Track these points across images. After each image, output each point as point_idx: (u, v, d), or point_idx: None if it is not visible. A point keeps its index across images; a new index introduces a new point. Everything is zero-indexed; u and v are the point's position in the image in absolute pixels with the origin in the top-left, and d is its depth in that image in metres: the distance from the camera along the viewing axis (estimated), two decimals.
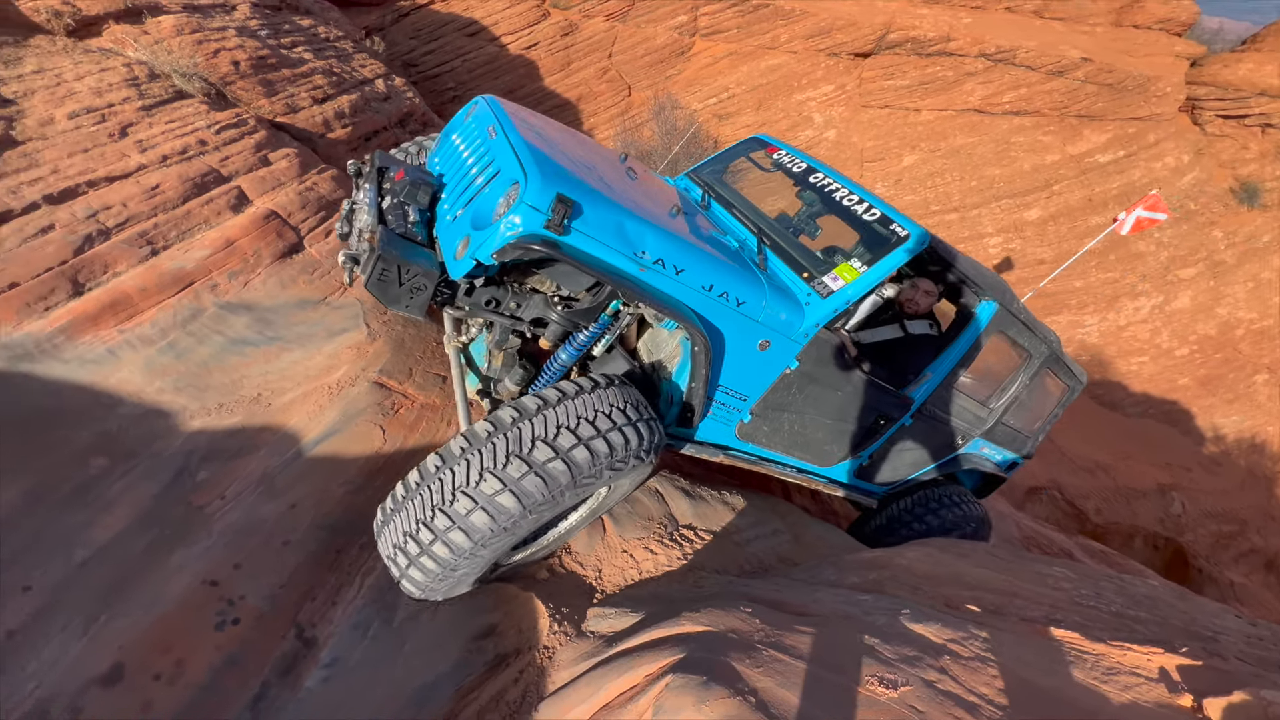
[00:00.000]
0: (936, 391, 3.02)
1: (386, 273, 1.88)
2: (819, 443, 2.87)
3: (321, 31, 5.99)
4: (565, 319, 2.10)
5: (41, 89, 3.45)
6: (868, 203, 2.76)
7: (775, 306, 2.29)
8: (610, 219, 1.96)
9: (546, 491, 1.78)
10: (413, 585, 1.91)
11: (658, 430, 2.11)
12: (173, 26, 4.26)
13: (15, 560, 2.08)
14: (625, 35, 15.95)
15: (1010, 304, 3.04)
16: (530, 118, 2.54)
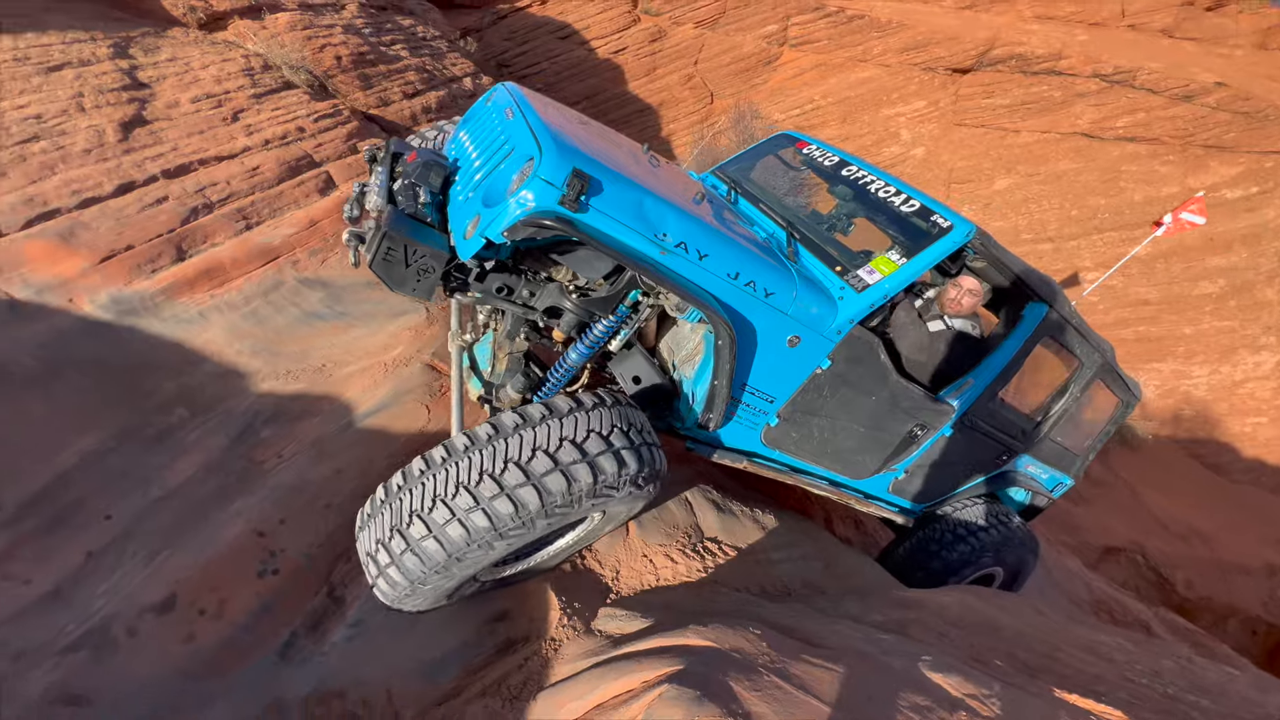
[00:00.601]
0: (979, 401, 2.76)
1: (392, 253, 1.78)
2: (850, 452, 2.68)
3: (420, 31, 6.36)
4: (580, 308, 1.99)
5: (172, 75, 3.85)
6: (905, 194, 2.58)
7: (806, 299, 2.13)
8: (629, 198, 1.84)
9: (515, 517, 1.67)
10: (388, 588, 1.78)
11: (657, 458, 1.97)
12: (287, 23, 4.66)
13: (104, 489, 2.33)
14: (713, 43, 15.95)
15: (1061, 307, 2.77)
16: (550, 104, 2.42)
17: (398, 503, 1.70)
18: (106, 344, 2.70)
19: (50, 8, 3.85)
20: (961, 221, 2.36)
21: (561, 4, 16.14)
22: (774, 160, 3.20)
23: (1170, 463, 11.92)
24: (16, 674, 1.82)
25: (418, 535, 1.65)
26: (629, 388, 2.22)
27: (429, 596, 1.83)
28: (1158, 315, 13.48)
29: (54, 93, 3.33)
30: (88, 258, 2.88)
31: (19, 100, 3.22)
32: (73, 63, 3.52)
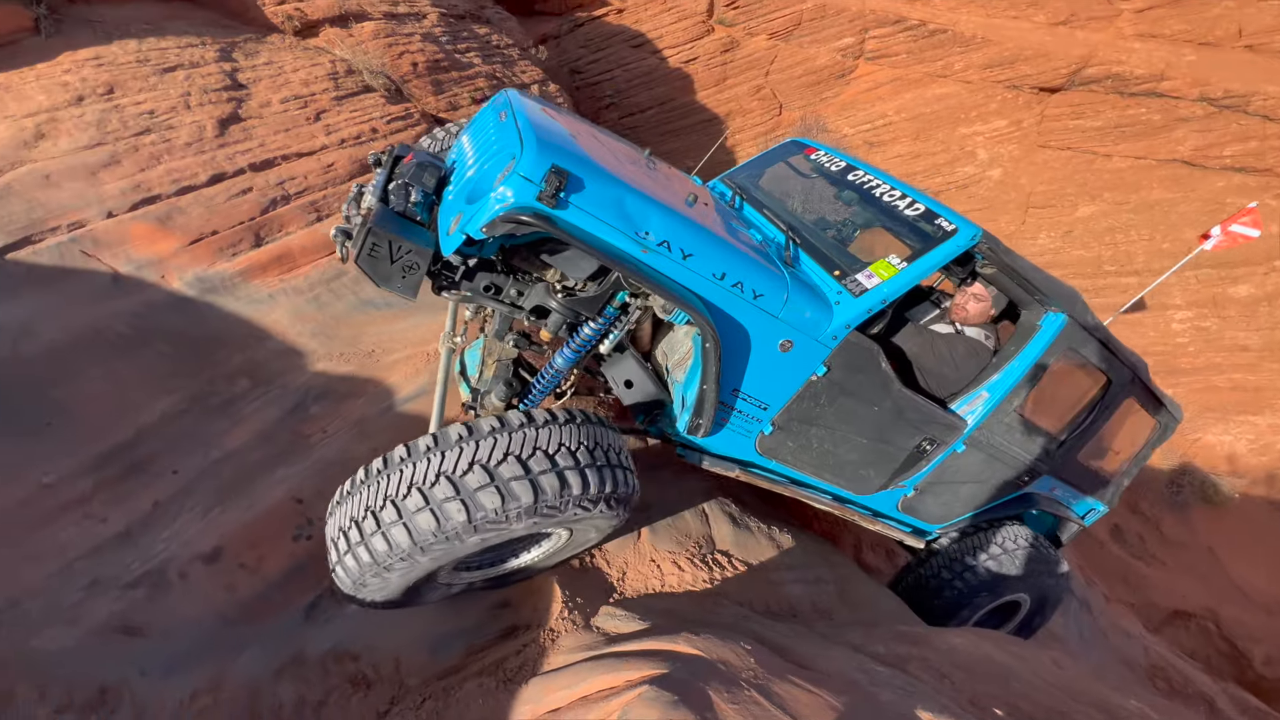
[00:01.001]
0: (994, 415, 2.62)
1: (377, 248, 1.79)
2: (853, 465, 2.57)
3: (494, 39, 6.68)
4: (566, 308, 1.95)
5: (267, 78, 4.24)
6: (910, 197, 2.50)
7: (799, 303, 2.07)
8: (610, 194, 1.82)
9: (438, 531, 1.65)
10: (345, 574, 1.75)
11: (622, 480, 1.92)
12: (372, 31, 5.02)
13: (173, 447, 2.61)
14: (786, 54, 15.81)
15: (1083, 317, 2.60)
16: (549, 109, 2.42)
17: (359, 494, 1.74)
18: (188, 317, 3.01)
19: (172, 15, 4.32)
20: (966, 225, 2.28)
21: (637, 13, 16.43)
22: (783, 167, 3.15)
23: (1260, 526, 10.84)
24: (88, 600, 2.08)
25: (369, 530, 1.68)
26: (621, 391, 2.20)
27: (393, 587, 1.82)
28: (1258, 363, 12.30)
29: (167, 91, 3.74)
30: (180, 240, 3.22)
31: (138, 97, 3.63)
32: (184, 65, 3.94)
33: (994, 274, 2.56)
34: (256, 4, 4.70)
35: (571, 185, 1.76)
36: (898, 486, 2.77)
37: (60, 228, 2.97)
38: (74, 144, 3.26)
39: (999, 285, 2.63)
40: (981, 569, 3.04)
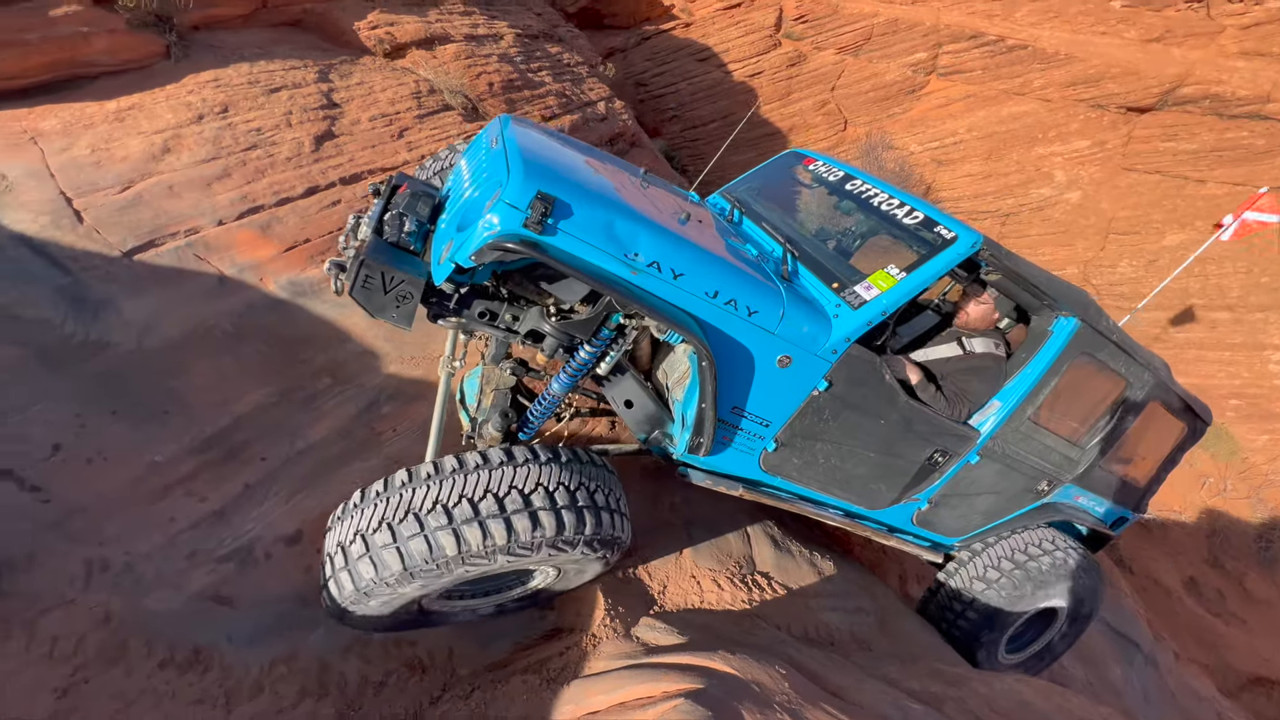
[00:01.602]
0: (1008, 425, 2.58)
1: (370, 280, 1.80)
2: (862, 480, 2.53)
3: (565, 58, 6.94)
4: (560, 331, 1.93)
5: (359, 97, 4.59)
6: (909, 206, 2.46)
7: (796, 318, 2.05)
8: (598, 217, 1.83)
9: (429, 559, 1.72)
10: (337, 589, 1.81)
11: (606, 523, 1.94)
12: (453, 53, 5.35)
13: (262, 436, 2.88)
14: (853, 69, 15.58)
15: (1096, 321, 2.54)
16: (541, 133, 2.43)
17: (357, 514, 1.86)
18: (281, 318, 3.31)
19: (280, 40, 4.75)
20: (967, 232, 2.23)
21: (704, 27, 16.59)
22: (784, 179, 3.14)
23: None
24: (189, 569, 2.34)
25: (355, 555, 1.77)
26: (621, 411, 2.19)
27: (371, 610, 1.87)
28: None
29: (272, 110, 4.12)
30: (277, 246, 3.55)
31: (247, 115, 4.02)
32: (288, 85, 4.33)
33: (999, 280, 2.52)
34: (352, 29, 5.09)
35: (558, 210, 1.77)
36: (911, 500, 2.73)
37: (179, 233, 3.34)
38: (193, 158, 3.65)
39: (1005, 292, 2.59)
40: (986, 599, 3.01)
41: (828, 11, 15.74)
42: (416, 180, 2.27)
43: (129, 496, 2.44)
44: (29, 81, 3.67)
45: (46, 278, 2.92)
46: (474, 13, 6.17)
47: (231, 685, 2.11)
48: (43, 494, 2.32)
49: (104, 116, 3.67)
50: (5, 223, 3.04)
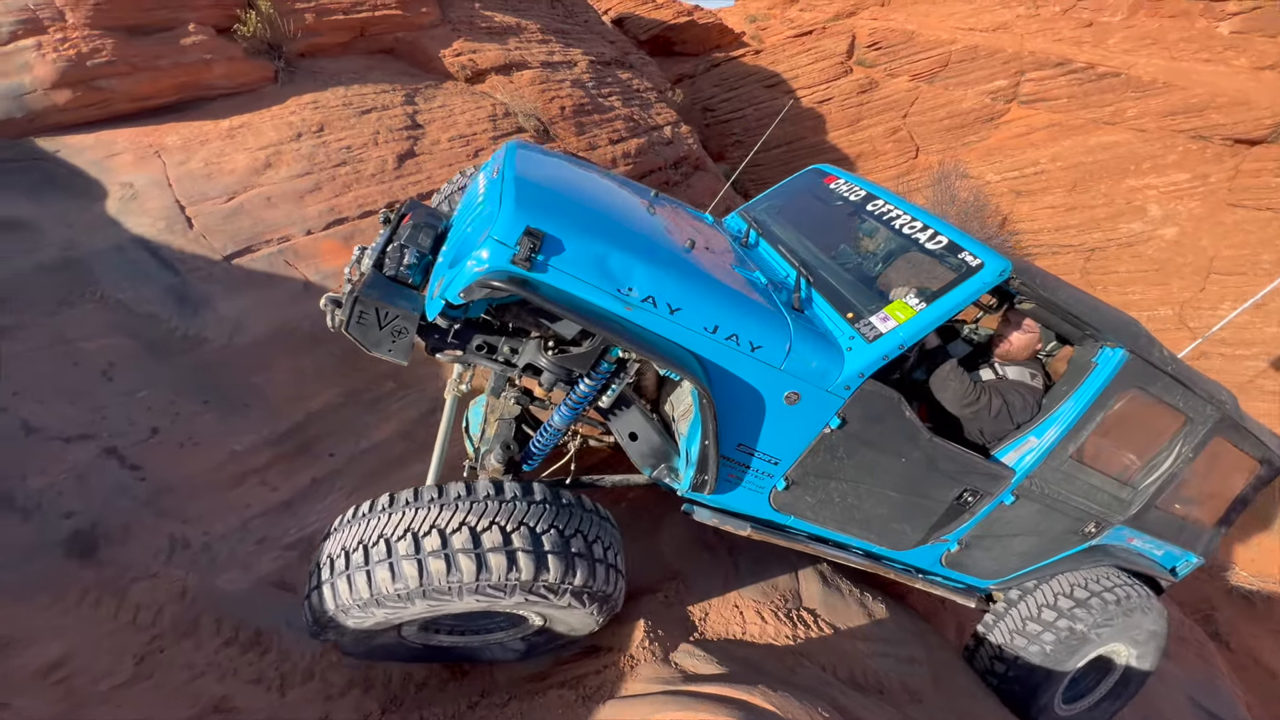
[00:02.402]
0: (1047, 463, 2.39)
1: (365, 315, 1.78)
2: (883, 520, 2.39)
3: (635, 84, 7.14)
4: (557, 365, 1.86)
5: (439, 119, 4.87)
6: (933, 229, 2.30)
7: (804, 352, 1.94)
8: (591, 252, 1.78)
9: (394, 586, 1.70)
10: (320, 601, 1.81)
11: (594, 575, 1.88)
12: (530, 78, 5.60)
13: (332, 433, 3.04)
14: (928, 96, 15.22)
15: (1147, 351, 2.33)
16: (546, 160, 2.39)
17: (345, 530, 1.87)
18: None
19: (374, 66, 5.13)
20: (994, 259, 2.07)
21: (774, 54, 16.67)
22: (805, 197, 2.99)
23: None
24: (256, 554, 2.49)
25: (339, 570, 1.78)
26: (626, 445, 2.12)
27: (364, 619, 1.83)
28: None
29: (362, 130, 4.43)
30: None
31: (340, 134, 4.34)
32: (377, 108, 4.65)
33: (1033, 309, 2.35)
34: (439, 56, 5.43)
35: (549, 246, 1.72)
36: (939, 541, 2.56)
37: (272, 240, 3.62)
38: (290, 173, 3.96)
39: (1043, 321, 2.41)
40: (1029, 657, 2.78)
41: (902, 39, 15.50)
42: (422, 209, 2.26)
43: (211, 481, 2.63)
44: (159, 102, 4.11)
45: (159, 277, 3.23)
46: (550, 41, 6.46)
47: (287, 668, 2.22)
48: (140, 472, 2.54)
49: (218, 134, 4.05)
50: (129, 226, 3.39)
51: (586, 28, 7.69)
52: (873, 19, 17.11)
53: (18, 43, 3.69)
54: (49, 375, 2.70)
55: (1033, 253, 13.14)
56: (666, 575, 2.80)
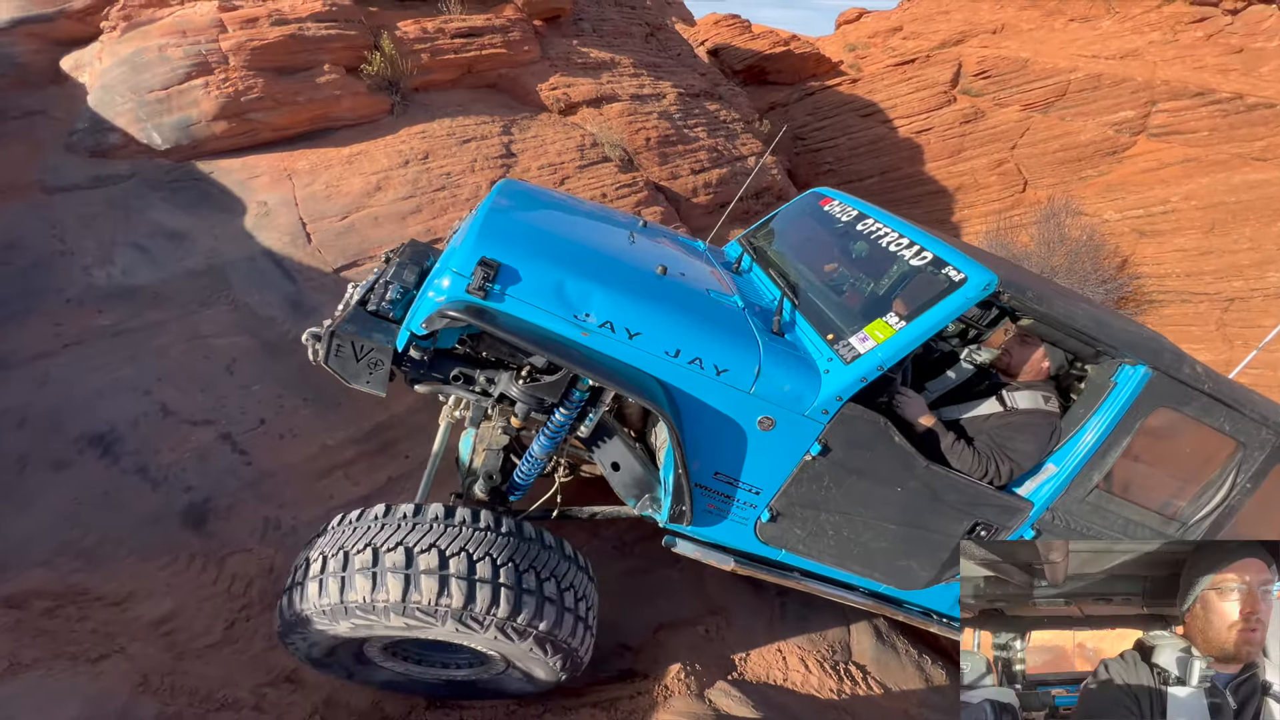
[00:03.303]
0: (1069, 494, 2.17)
1: (342, 349, 1.83)
2: (886, 556, 2.23)
3: (722, 115, 7.25)
4: (529, 395, 1.82)
5: (532, 148, 5.20)
6: (919, 245, 2.18)
7: (775, 375, 1.87)
8: (548, 279, 1.80)
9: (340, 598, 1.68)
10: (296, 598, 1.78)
11: (564, 625, 1.80)
12: (618, 110, 5.86)
13: (410, 436, 3.28)
14: (1040, 127, 14.29)
15: (1173, 368, 2.09)
16: (528, 194, 2.41)
17: (324, 537, 1.89)
18: None
19: (477, 99, 5.57)
20: (978, 272, 1.92)
21: (872, 83, 16.32)
22: (802, 221, 2.92)
23: None
24: None
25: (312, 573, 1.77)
26: (609, 475, 2.08)
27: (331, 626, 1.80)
28: None
29: (462, 158, 4.82)
30: None
31: (442, 162, 4.74)
32: (477, 137, 5.04)
33: (1033, 325, 2.14)
34: (536, 90, 5.81)
35: (505, 275, 1.75)
36: (955, 580, 2.34)
37: (376, 256, 4.00)
38: (396, 196, 4.37)
39: (1048, 340, 2.21)
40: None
41: (1014, 67, 14.71)
42: (412, 247, 2.35)
43: (304, 471, 2.93)
44: (294, 132, 4.68)
45: (280, 285, 3.66)
46: (642, 74, 6.73)
47: None
48: (247, 457, 2.87)
49: (339, 160, 4.55)
50: (261, 240, 3.88)
51: (679, 61, 7.93)
52: (982, 47, 16.37)
53: (190, 82, 4.35)
54: (185, 366, 3.12)
55: (1157, 299, 11.87)
56: (708, 610, 2.78)
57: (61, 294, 3.32)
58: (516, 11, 6.06)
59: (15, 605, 2.13)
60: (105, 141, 4.17)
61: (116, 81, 4.31)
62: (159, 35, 4.45)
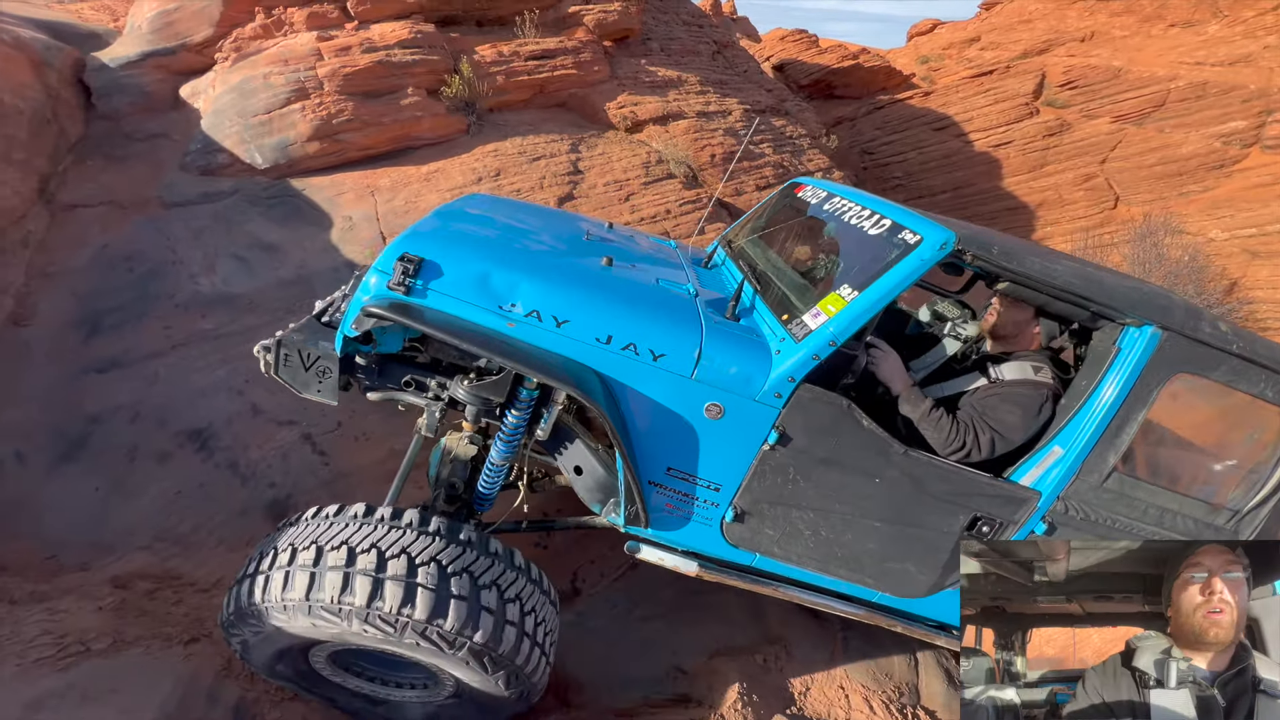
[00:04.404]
0: (1080, 480, 1.90)
1: (289, 358, 1.83)
2: (875, 559, 2.00)
3: (788, 131, 7.17)
4: (473, 396, 1.76)
5: (598, 165, 5.30)
6: (879, 214, 2.02)
7: (719, 359, 1.74)
8: (472, 271, 1.74)
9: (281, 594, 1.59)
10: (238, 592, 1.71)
11: (505, 639, 1.65)
12: (684, 128, 5.90)
13: None
14: (1135, 139, 13.34)
15: (1189, 326, 1.81)
16: (484, 202, 2.43)
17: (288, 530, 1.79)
18: None
19: (548, 119, 5.75)
20: (934, 231, 1.75)
21: (946, 96, 15.74)
22: (778, 211, 2.79)
23: None
24: None
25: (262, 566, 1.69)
26: (573, 479, 1.99)
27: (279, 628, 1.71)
28: None
29: (531, 175, 4.97)
30: None
31: (512, 178, 4.91)
32: (546, 155, 5.19)
33: (1010, 289, 1.86)
34: (604, 108, 5.94)
35: (427, 270, 1.72)
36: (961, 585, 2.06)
37: None
38: None
39: (1032, 304, 1.96)
40: None
41: (1106, 76, 13.85)
42: None
43: (375, 473, 3.06)
44: (378, 151, 4.97)
45: None
46: (708, 92, 6.76)
47: None
48: (325, 458, 3.03)
49: (418, 177, 4.79)
50: (344, 252, 4.13)
51: (745, 77, 7.92)
52: (1069, 56, 15.50)
53: (289, 106, 4.71)
54: None
55: (1273, 326, 10.74)
56: (767, 639, 2.68)
57: (171, 299, 3.64)
58: (587, 33, 6.24)
59: (120, 585, 2.32)
60: (214, 161, 4.56)
61: (226, 106, 4.73)
62: (265, 64, 4.85)
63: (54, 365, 3.22)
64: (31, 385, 3.11)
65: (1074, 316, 1.94)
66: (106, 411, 3.06)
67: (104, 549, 2.54)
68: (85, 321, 3.45)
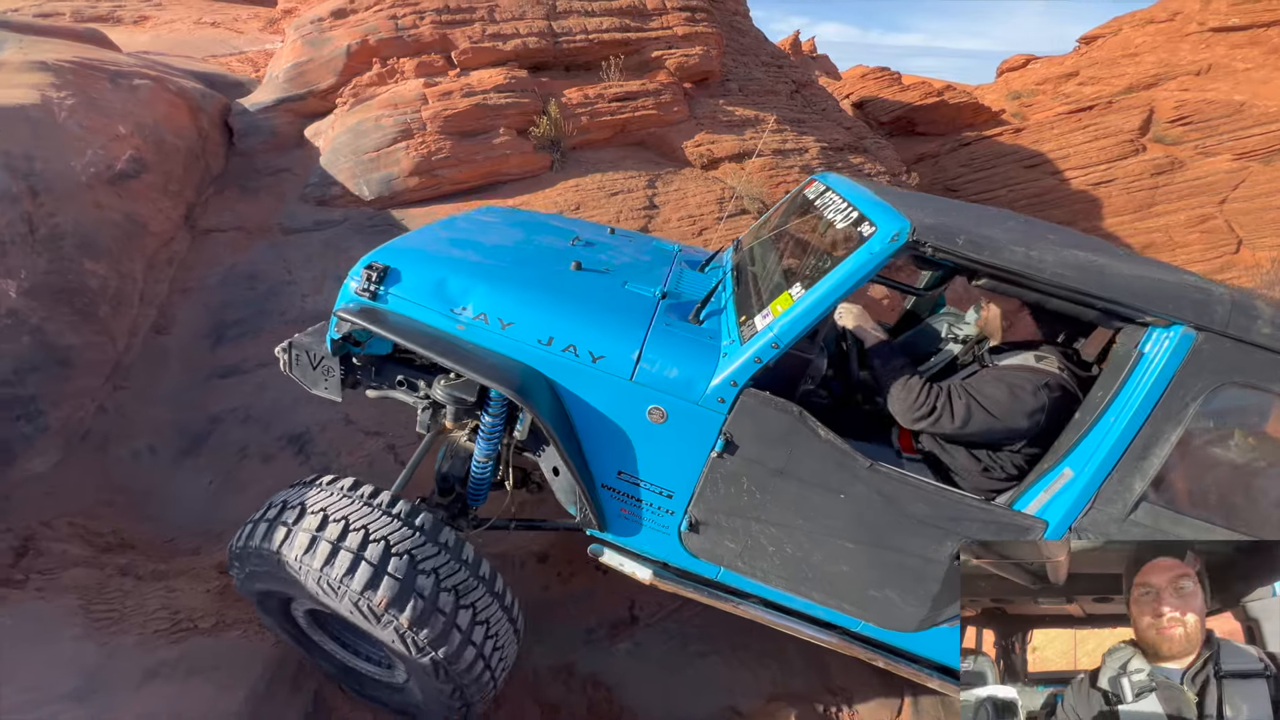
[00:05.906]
0: (1100, 507, 1.61)
1: (300, 359, 2.02)
2: (849, 583, 1.82)
3: (866, 168, 7.09)
4: (448, 395, 1.84)
5: (673, 200, 5.45)
6: (849, 202, 1.88)
7: (659, 361, 1.71)
8: (430, 277, 1.87)
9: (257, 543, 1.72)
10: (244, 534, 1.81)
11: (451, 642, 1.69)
12: (759, 165, 5.97)
13: None
14: (1261, 179, 12.20)
15: (1235, 324, 1.48)
16: (488, 213, 2.55)
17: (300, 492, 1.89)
18: None
19: (627, 156, 6.00)
20: (890, 221, 1.59)
21: (1039, 133, 15.04)
22: (789, 212, 2.64)
23: None
24: None
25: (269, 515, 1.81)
26: (551, 481, 1.98)
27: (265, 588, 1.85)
28: None
29: (609, 208, 5.18)
30: None
31: (591, 212, 5.13)
32: (624, 190, 5.40)
33: (989, 284, 1.61)
34: (681, 146, 6.13)
35: (390, 277, 1.86)
36: (957, 624, 1.81)
37: None
38: None
39: (1023, 300, 1.70)
40: None
41: (1225, 111, 12.83)
42: None
43: None
44: (469, 185, 5.36)
45: None
46: (785, 129, 6.82)
47: None
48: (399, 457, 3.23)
49: None
50: None
51: (823, 115, 7.93)
52: (1182, 90, 14.47)
53: (395, 145, 5.18)
54: None
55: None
56: (828, 688, 2.57)
57: (283, 315, 4.04)
58: (669, 76, 6.49)
59: (224, 572, 2.55)
60: (328, 193, 5.07)
61: (342, 145, 5.26)
62: (377, 108, 5.38)
63: (185, 370, 3.64)
64: (166, 387, 3.53)
65: (1080, 315, 1.67)
66: (224, 413, 3.41)
67: (213, 537, 2.81)
68: (213, 332, 3.89)
